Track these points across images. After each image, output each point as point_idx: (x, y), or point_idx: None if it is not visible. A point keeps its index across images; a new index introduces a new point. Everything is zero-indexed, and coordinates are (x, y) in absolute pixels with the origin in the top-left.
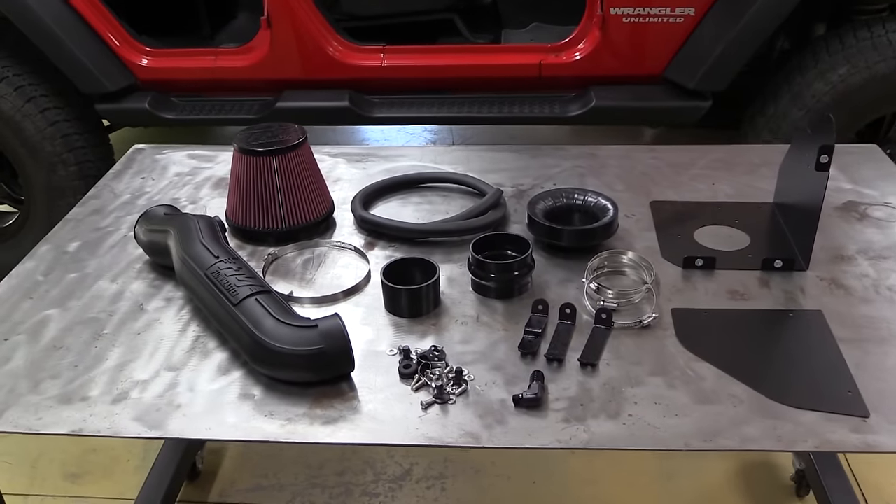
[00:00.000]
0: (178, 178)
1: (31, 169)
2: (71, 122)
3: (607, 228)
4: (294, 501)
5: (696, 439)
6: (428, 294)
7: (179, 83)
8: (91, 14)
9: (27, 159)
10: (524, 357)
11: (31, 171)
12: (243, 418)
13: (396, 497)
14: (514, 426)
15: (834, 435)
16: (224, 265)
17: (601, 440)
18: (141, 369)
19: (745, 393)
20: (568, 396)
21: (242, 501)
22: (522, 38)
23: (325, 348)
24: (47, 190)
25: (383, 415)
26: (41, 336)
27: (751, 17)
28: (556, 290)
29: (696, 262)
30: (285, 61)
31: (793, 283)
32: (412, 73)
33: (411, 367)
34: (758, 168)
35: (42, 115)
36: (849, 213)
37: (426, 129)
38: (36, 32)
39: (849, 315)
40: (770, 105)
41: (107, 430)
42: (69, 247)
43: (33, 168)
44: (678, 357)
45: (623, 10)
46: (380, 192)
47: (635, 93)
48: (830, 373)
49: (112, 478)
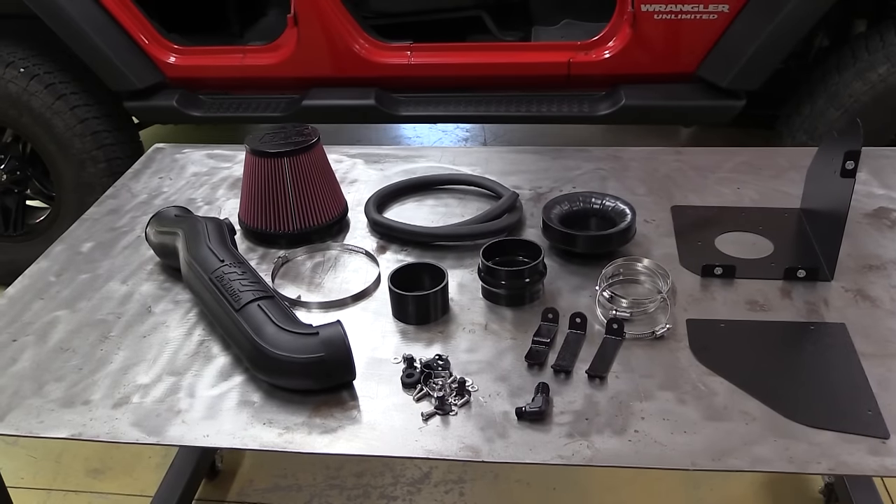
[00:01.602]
0: (195, 178)
1: (61, 166)
2: (100, 119)
3: (624, 234)
4: (312, 502)
5: (704, 458)
6: (436, 301)
7: (207, 81)
8: (120, 12)
9: (57, 156)
10: (531, 368)
11: (61, 167)
12: (241, 426)
13: (414, 500)
14: (515, 440)
15: (850, 457)
16: (229, 269)
17: (605, 457)
18: (144, 373)
19: (758, 410)
20: (573, 410)
21: (260, 501)
22: (553, 36)
23: (325, 356)
24: (77, 187)
25: (383, 425)
26: (49, 337)
27: (786, 14)
28: (569, 298)
29: (716, 271)
30: (311, 59)
31: (816, 294)
32: (439, 71)
33: (414, 376)
34: (786, 172)
35: (72, 113)
36: (880, 220)
37: (458, 127)
38: (65, 30)
39: (874, 329)
40: (806, 105)
41: (105, 436)
42: (83, 247)
43: (63, 165)
44: (691, 370)
45: (654, 6)
46: (395, 195)
47: (666, 92)
48: (850, 390)
49: (133, 474)
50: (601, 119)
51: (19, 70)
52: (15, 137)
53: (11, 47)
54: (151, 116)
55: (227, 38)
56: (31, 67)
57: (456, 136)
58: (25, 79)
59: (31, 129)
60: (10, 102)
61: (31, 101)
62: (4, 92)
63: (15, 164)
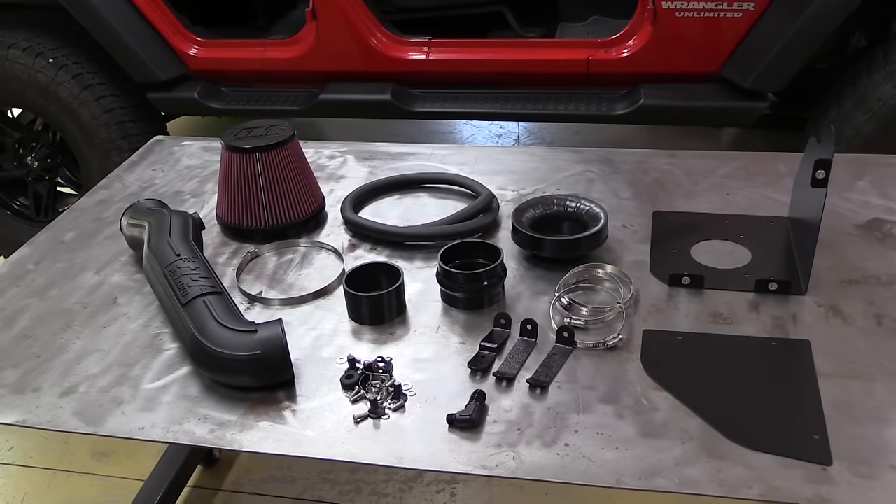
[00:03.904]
0: (187, 170)
1: (87, 154)
2: (126, 109)
3: (594, 239)
4: (304, 495)
5: (631, 477)
6: (390, 302)
7: (229, 73)
8: (144, 3)
9: (84, 145)
10: (474, 374)
11: (87, 156)
12: (176, 419)
13: (404, 499)
14: (439, 448)
15: (784, 483)
16: (182, 263)
17: (528, 470)
18: (96, 363)
19: (698, 428)
20: (507, 419)
21: (254, 491)
22: (579, 33)
23: (261, 354)
24: (102, 175)
25: (314, 426)
26: (15, 324)
27: (812, 13)
28: (529, 304)
29: (683, 280)
30: (329, 53)
31: (786, 309)
32: (456, 67)
33: (354, 377)
34: (782, 178)
35: (98, 103)
36: (871, 232)
37: (493, 124)
38: (90, 21)
39: (840, 347)
40: (834, 107)
41: (47, 424)
42: (66, 236)
43: (89, 154)
44: (636, 384)
45: (676, 4)
46: (374, 192)
47: (687, 92)
48: (800, 413)
49: (136, 458)
50: (618, 118)
51: (48, 60)
52: (45, 126)
53: (42, 38)
54: (173, 108)
55: (253, 31)
56: (59, 58)
57: (490, 132)
58: (54, 69)
59: (59, 117)
60: (39, 91)
61: (59, 91)
62: (34, 81)
63: (46, 152)
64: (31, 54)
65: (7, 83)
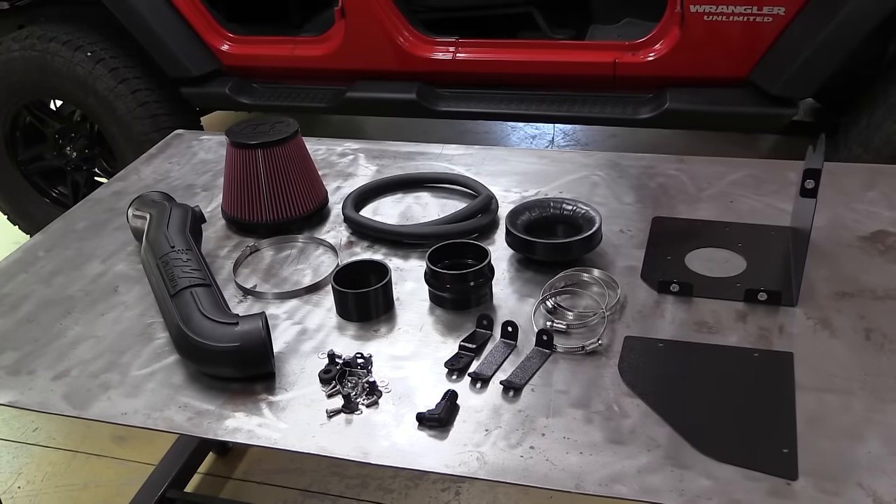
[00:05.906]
0: (202, 164)
1: (122, 146)
2: (160, 103)
3: (586, 243)
4: (311, 487)
5: (591, 482)
6: (376, 299)
7: (260, 70)
8: (181, 1)
9: (119, 137)
10: (450, 373)
11: (122, 147)
12: (157, 406)
13: (409, 496)
14: (405, 445)
15: (746, 496)
16: (175, 255)
17: (490, 471)
18: (90, 349)
19: (666, 437)
20: (477, 420)
21: (263, 481)
22: (609, 35)
23: (240, 346)
24: None
25: (288, 419)
26: (19, 309)
27: (842, 20)
28: (516, 306)
29: (672, 287)
30: (358, 51)
31: (774, 320)
32: (482, 68)
33: (332, 372)
34: (789, 187)
35: (133, 97)
36: (873, 244)
37: (528, 124)
38: (126, 15)
39: (823, 361)
40: (864, 115)
41: (37, 406)
42: (78, 225)
43: (124, 145)
44: (610, 390)
45: (704, 7)
46: (377, 191)
47: (713, 96)
48: (772, 425)
49: (154, 444)
50: (643, 122)
51: (86, 54)
52: (83, 118)
53: (80, 32)
54: (205, 102)
55: (287, 29)
56: (97, 52)
57: (525, 132)
58: (92, 62)
59: (96, 110)
60: (77, 84)
61: (97, 84)
62: (73, 74)
63: (84, 143)
64: (71, 48)
65: (48, 76)
